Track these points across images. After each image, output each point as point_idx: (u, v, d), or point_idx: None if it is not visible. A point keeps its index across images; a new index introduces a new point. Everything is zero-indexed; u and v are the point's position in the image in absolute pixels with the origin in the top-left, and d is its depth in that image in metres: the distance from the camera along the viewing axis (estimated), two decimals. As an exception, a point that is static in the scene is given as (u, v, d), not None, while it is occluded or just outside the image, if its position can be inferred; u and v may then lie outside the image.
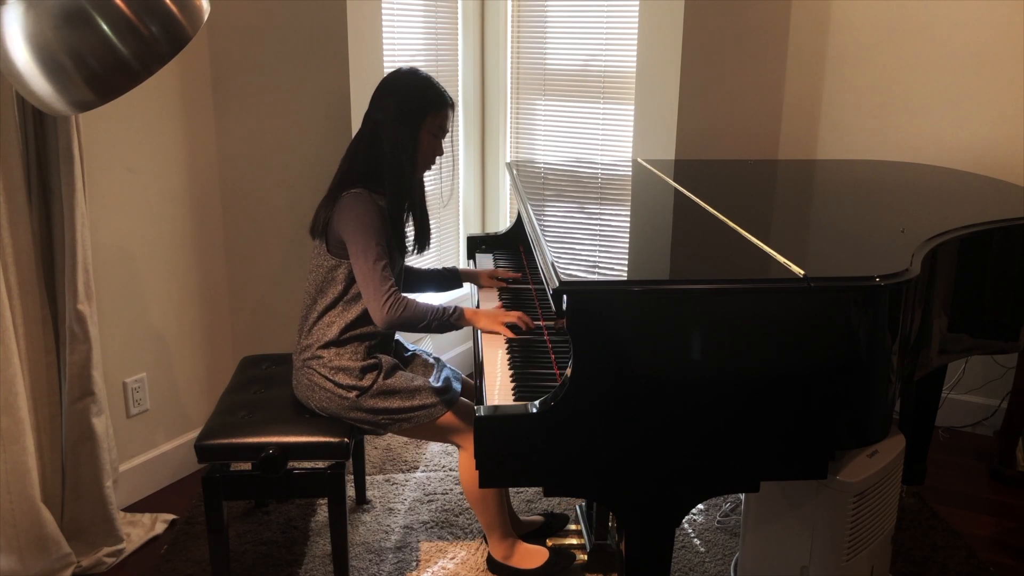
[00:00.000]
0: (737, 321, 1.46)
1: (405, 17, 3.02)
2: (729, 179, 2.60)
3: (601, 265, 1.63)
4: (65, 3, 1.59)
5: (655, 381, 1.45)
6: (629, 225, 2.04)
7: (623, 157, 3.23)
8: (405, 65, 2.17)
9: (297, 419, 2.09)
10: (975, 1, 2.94)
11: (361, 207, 2.01)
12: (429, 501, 2.67)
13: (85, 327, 2.21)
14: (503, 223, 3.64)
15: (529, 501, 2.67)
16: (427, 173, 2.23)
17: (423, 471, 2.86)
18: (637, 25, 3.03)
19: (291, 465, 2.03)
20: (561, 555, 2.27)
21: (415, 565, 2.34)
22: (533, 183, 2.47)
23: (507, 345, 1.95)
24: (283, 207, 2.79)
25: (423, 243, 2.27)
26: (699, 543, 2.46)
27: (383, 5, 2.79)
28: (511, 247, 2.74)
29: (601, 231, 1.90)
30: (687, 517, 2.58)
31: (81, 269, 2.18)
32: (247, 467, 2.06)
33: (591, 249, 1.71)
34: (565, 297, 1.44)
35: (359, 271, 2.02)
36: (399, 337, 2.33)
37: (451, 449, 2.97)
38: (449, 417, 2.08)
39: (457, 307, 2.05)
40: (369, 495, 2.69)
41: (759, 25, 3.17)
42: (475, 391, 1.77)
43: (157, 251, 2.64)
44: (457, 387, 2.15)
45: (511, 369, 1.80)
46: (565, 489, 1.53)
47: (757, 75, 3.23)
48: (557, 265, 1.55)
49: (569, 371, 1.45)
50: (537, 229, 1.86)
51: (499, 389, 1.72)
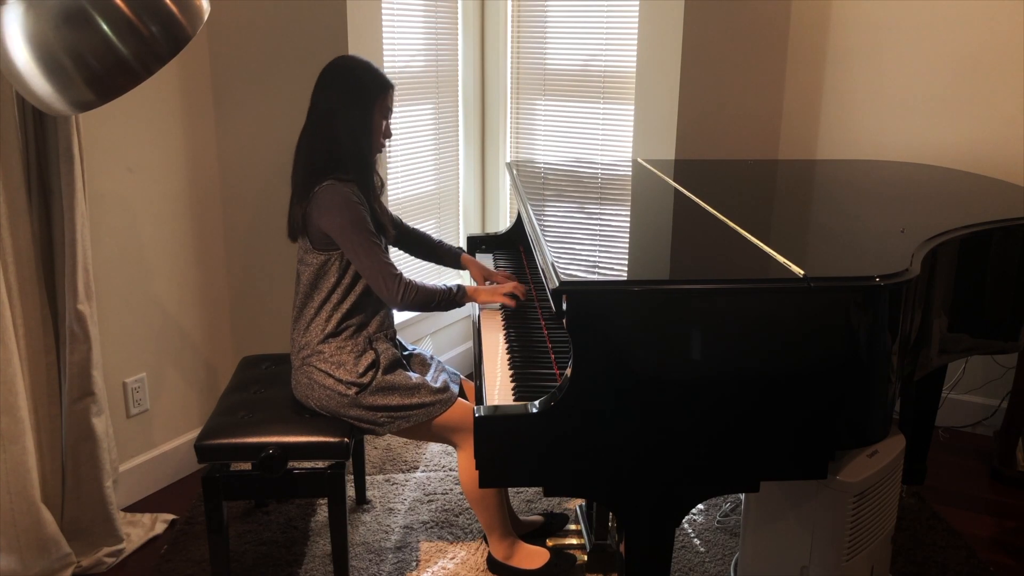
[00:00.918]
0: (737, 321, 1.46)
1: (405, 17, 3.02)
2: (729, 179, 2.60)
3: (601, 265, 1.63)
4: (65, 3, 1.59)
5: (655, 381, 1.45)
6: (629, 225, 2.04)
7: (623, 157, 3.23)
8: (342, 54, 2.18)
9: (297, 419, 2.09)
10: (975, 1, 2.94)
11: (340, 200, 2.03)
12: (429, 501, 2.67)
13: (85, 327, 2.21)
14: (503, 223, 3.64)
15: (529, 501, 2.67)
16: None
17: (423, 471, 2.86)
18: (637, 25, 3.03)
19: (291, 465, 2.03)
20: (562, 556, 2.27)
21: (415, 565, 2.34)
22: (533, 183, 2.47)
23: (507, 345, 1.95)
24: (283, 207, 2.76)
25: (389, 229, 2.27)
26: (699, 543, 2.46)
27: (383, 5, 2.79)
28: (511, 247, 2.74)
29: (601, 231, 1.90)
30: (687, 517, 2.58)
31: (81, 269, 2.18)
32: (247, 467, 2.06)
33: (591, 249, 1.71)
34: (565, 297, 1.44)
35: (362, 266, 2.04)
36: (398, 337, 2.33)
37: (451, 449, 2.97)
38: (447, 417, 2.08)
39: (460, 286, 2.15)
40: (369, 495, 2.69)
41: (759, 25, 3.16)
42: (475, 391, 1.77)
43: (157, 251, 2.64)
44: (455, 388, 2.16)
45: (511, 369, 1.80)
46: (565, 489, 1.53)
47: (757, 75, 3.23)
48: (557, 265, 1.55)
49: (569, 371, 1.45)
50: (537, 229, 1.86)
51: (499, 389, 1.72)
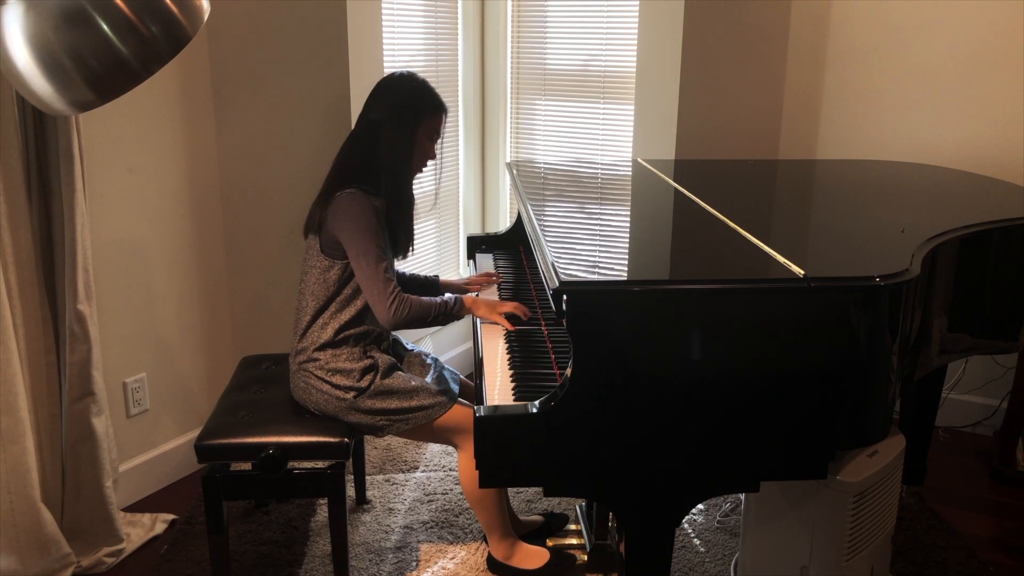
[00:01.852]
0: (737, 321, 1.46)
1: (405, 17, 3.02)
2: (729, 179, 2.60)
3: (601, 265, 1.63)
4: (65, 3, 1.59)
5: (655, 381, 1.45)
6: (629, 225, 2.04)
7: (623, 157, 3.23)
8: (403, 69, 2.19)
9: (297, 419, 2.09)
10: (975, 1, 2.94)
11: (358, 208, 2.02)
12: (429, 501, 2.67)
13: (85, 327, 2.21)
14: (503, 223, 3.64)
15: (529, 501, 2.67)
16: (424, 174, 2.24)
17: (423, 471, 2.86)
18: (637, 25, 3.03)
19: (291, 465, 2.03)
20: (562, 556, 2.27)
21: (415, 565, 2.34)
22: (533, 183, 2.47)
23: (507, 345, 1.95)
24: (283, 207, 2.79)
25: (406, 248, 2.26)
26: (699, 543, 2.46)
27: (383, 5, 2.79)
28: (511, 247, 2.74)
29: (601, 231, 1.90)
30: (687, 517, 2.58)
31: (81, 269, 2.18)
32: (247, 467, 2.06)
33: (591, 249, 1.71)
34: (565, 297, 1.44)
35: (361, 274, 2.03)
36: (398, 336, 2.33)
37: (451, 449, 2.97)
38: (447, 418, 2.08)
39: (457, 297, 2.12)
40: (369, 495, 2.69)
41: (759, 25, 3.17)
42: (475, 391, 1.77)
43: (157, 251, 2.64)
44: (455, 388, 2.15)
45: (511, 369, 1.80)
46: (565, 489, 1.53)
47: (757, 75, 3.23)
48: (557, 265, 1.55)
49: (569, 371, 1.45)
50: (537, 229, 1.86)
51: (499, 389, 1.72)
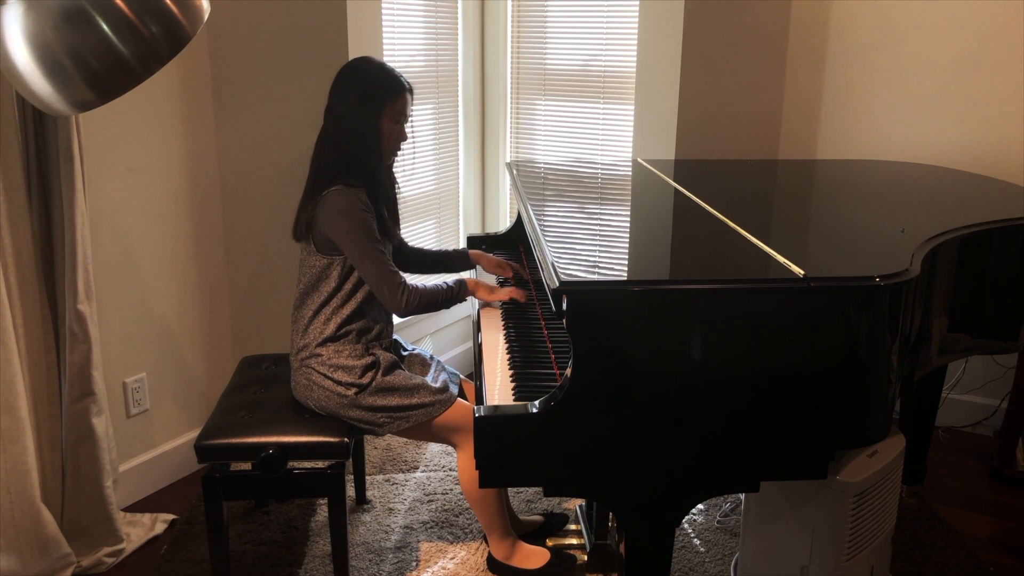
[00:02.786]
0: (737, 321, 1.46)
1: (405, 17, 3.02)
2: (729, 179, 2.60)
3: (601, 265, 1.63)
4: (65, 3, 1.59)
5: (655, 381, 1.45)
6: (629, 225, 2.04)
7: (623, 157, 3.23)
8: (360, 56, 2.17)
9: (297, 419, 2.09)
10: (974, 1, 2.94)
11: (347, 205, 2.02)
12: (429, 501, 2.67)
13: (85, 327, 2.21)
14: (503, 223, 3.64)
15: (529, 501, 2.67)
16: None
17: (423, 471, 2.86)
18: (637, 25, 3.03)
19: (291, 465, 2.03)
20: (562, 556, 2.27)
21: (415, 565, 2.34)
22: (533, 183, 2.47)
23: (507, 345, 1.95)
24: (283, 207, 2.78)
25: (394, 230, 2.27)
26: (699, 543, 2.46)
27: (383, 5, 2.79)
28: (511, 247, 2.74)
29: (601, 231, 1.90)
30: (687, 517, 2.58)
31: (81, 269, 2.18)
32: (247, 467, 2.06)
33: (591, 249, 1.71)
34: (565, 297, 1.44)
35: (366, 272, 2.04)
36: (397, 336, 2.33)
37: (451, 449, 2.97)
38: (447, 417, 2.08)
39: (459, 280, 2.17)
40: (369, 495, 2.69)
41: (759, 25, 3.17)
42: (475, 391, 1.77)
43: (157, 251, 2.64)
44: (455, 388, 2.16)
45: (511, 369, 1.80)
46: (565, 489, 1.53)
47: (757, 75, 3.23)
48: (557, 265, 1.55)
49: (569, 371, 1.45)
50: (537, 229, 1.86)
51: (499, 389, 1.72)
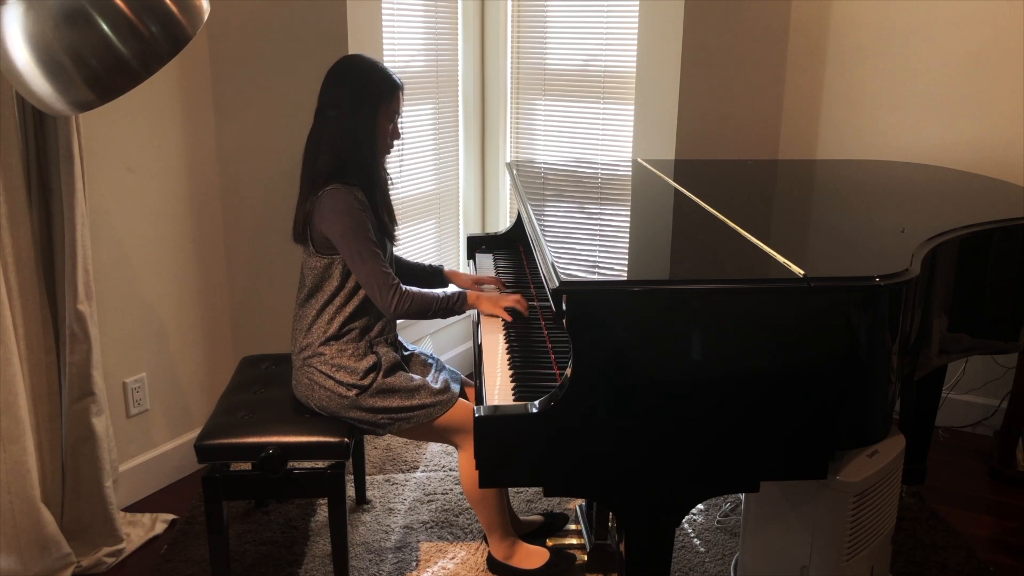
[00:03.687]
0: (737, 321, 1.46)
1: (405, 17, 3.02)
2: (729, 179, 2.60)
3: (601, 265, 1.63)
4: (65, 3, 1.59)
5: (655, 381, 1.45)
6: (629, 225, 2.04)
7: (623, 157, 3.23)
8: (350, 54, 2.15)
9: (297, 419, 2.09)
10: (975, 1, 2.94)
11: (343, 205, 2.01)
12: (429, 501, 2.67)
13: (85, 327, 2.21)
14: (503, 223, 3.64)
15: (529, 501, 2.67)
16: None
17: (423, 471, 2.86)
18: (637, 25, 3.03)
19: (291, 465, 2.03)
20: (562, 556, 2.27)
21: (415, 565, 2.34)
22: (533, 183, 2.47)
23: (507, 345, 1.95)
24: (283, 207, 2.78)
25: (391, 229, 2.25)
26: (699, 543, 2.46)
27: (383, 5, 2.79)
28: (511, 247, 2.74)
29: (601, 231, 1.90)
30: (687, 517, 2.58)
31: (81, 269, 2.18)
32: (247, 467, 2.06)
33: (591, 249, 1.71)
34: (565, 297, 1.44)
35: (358, 271, 2.03)
36: (399, 337, 2.33)
37: (451, 449, 2.97)
38: (448, 417, 2.08)
39: (460, 292, 2.12)
40: (369, 495, 2.69)
41: (759, 25, 3.16)
42: (475, 391, 1.77)
43: (157, 251, 2.64)
44: (456, 388, 2.15)
45: (511, 369, 1.80)
46: (565, 489, 1.53)
47: (757, 75, 3.23)
48: (557, 265, 1.55)
49: (569, 371, 1.45)
50: (537, 229, 1.86)
51: (499, 389, 1.72)
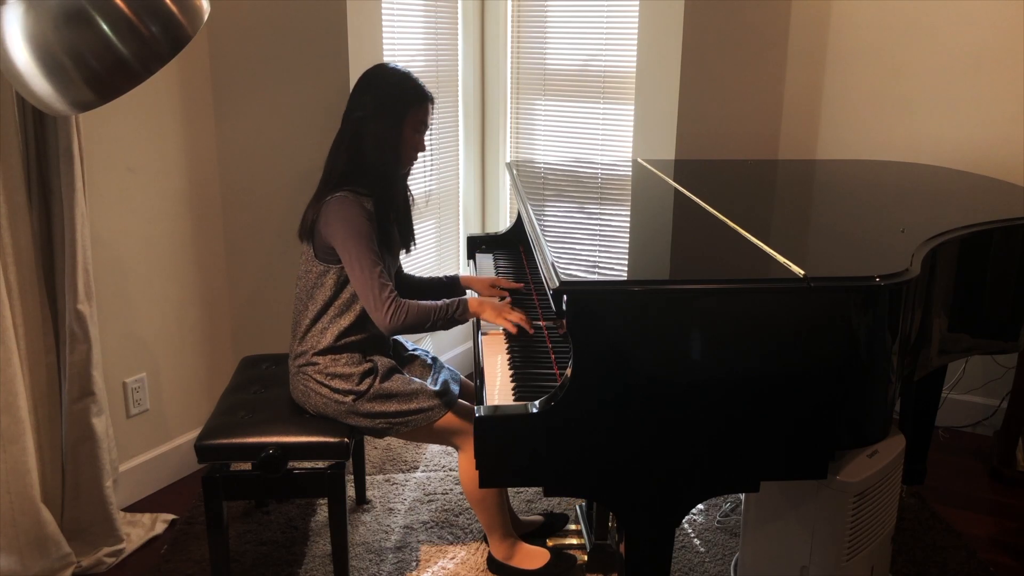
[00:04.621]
0: (737, 321, 1.46)
1: (405, 17, 3.02)
2: (729, 179, 2.60)
3: (601, 265, 1.63)
4: (65, 3, 1.59)
5: (655, 381, 1.45)
6: (629, 225, 2.04)
7: (623, 157, 3.23)
8: (384, 62, 2.14)
9: (297, 419, 2.09)
10: (975, 1, 2.94)
11: (348, 212, 1.99)
12: (429, 501, 2.67)
13: (85, 327, 2.21)
14: (503, 223, 3.64)
15: (529, 501, 2.67)
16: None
17: (423, 471, 2.86)
18: (637, 25, 3.03)
19: (291, 465, 2.03)
20: (562, 556, 2.27)
21: (415, 565, 2.34)
22: (533, 183, 2.47)
23: (507, 345, 1.95)
24: (283, 207, 2.78)
25: (407, 242, 2.25)
26: (699, 543, 2.46)
27: (383, 5, 2.79)
28: (511, 247, 2.74)
29: (601, 231, 1.90)
30: (687, 517, 2.58)
31: (81, 269, 2.18)
32: (247, 467, 2.06)
33: (591, 249, 1.71)
34: (565, 297, 1.44)
35: (355, 280, 2.00)
36: (399, 337, 2.33)
37: (451, 449, 2.97)
38: (447, 420, 2.08)
39: (460, 300, 2.04)
40: (369, 495, 2.69)
41: (759, 25, 3.17)
42: (475, 391, 1.77)
43: (157, 251, 2.64)
44: (455, 389, 2.15)
45: (511, 369, 1.80)
46: (565, 489, 1.53)
47: (757, 75, 3.23)
48: (557, 265, 1.55)
49: (569, 371, 1.45)
50: (537, 229, 1.86)
51: (499, 389, 1.72)
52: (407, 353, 2.31)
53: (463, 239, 3.57)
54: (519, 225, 2.70)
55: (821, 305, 1.47)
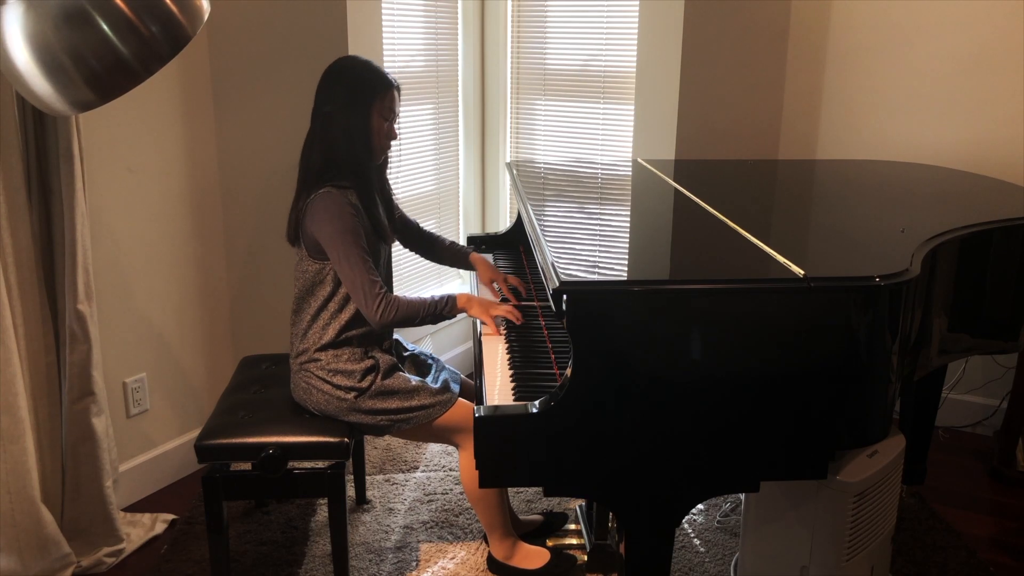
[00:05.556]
0: (737, 321, 1.46)
1: (405, 17, 3.02)
2: (729, 179, 2.60)
3: (601, 265, 1.63)
4: (65, 3, 1.59)
5: (655, 381, 1.45)
6: (629, 225, 2.04)
7: (623, 157, 3.23)
8: (345, 55, 2.15)
9: (297, 419, 2.09)
10: (975, 1, 2.94)
11: (334, 208, 1.99)
12: (429, 501, 2.67)
13: (85, 327, 2.21)
14: (503, 223, 3.65)
15: (529, 501, 2.67)
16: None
17: (423, 471, 2.86)
18: (637, 25, 3.03)
19: (291, 465, 2.03)
20: (562, 556, 2.27)
21: (415, 565, 2.34)
22: (533, 183, 2.47)
23: (507, 345, 1.95)
24: (283, 207, 2.76)
25: (389, 235, 2.25)
26: (699, 543, 2.46)
27: (383, 5, 2.79)
28: (511, 247, 2.74)
29: (601, 231, 1.90)
30: (687, 517, 2.58)
31: (81, 269, 2.18)
32: (247, 467, 2.06)
33: (591, 249, 1.71)
34: (565, 297, 1.44)
35: (344, 276, 2.01)
36: (399, 337, 2.33)
37: (451, 449, 2.97)
38: (448, 418, 2.08)
39: (450, 297, 2.06)
40: (369, 495, 2.69)
41: (759, 25, 3.17)
42: (475, 391, 1.77)
43: (157, 251, 2.64)
44: (455, 388, 2.15)
45: (511, 369, 1.80)
46: (565, 489, 1.53)
47: (757, 75, 3.23)
48: (557, 265, 1.55)
49: (569, 371, 1.45)
50: (537, 229, 1.86)
51: (499, 389, 1.72)
52: (407, 353, 2.31)
53: (463, 239, 3.57)
54: (519, 225, 2.70)
55: (821, 305, 1.47)
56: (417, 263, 3.25)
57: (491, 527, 2.22)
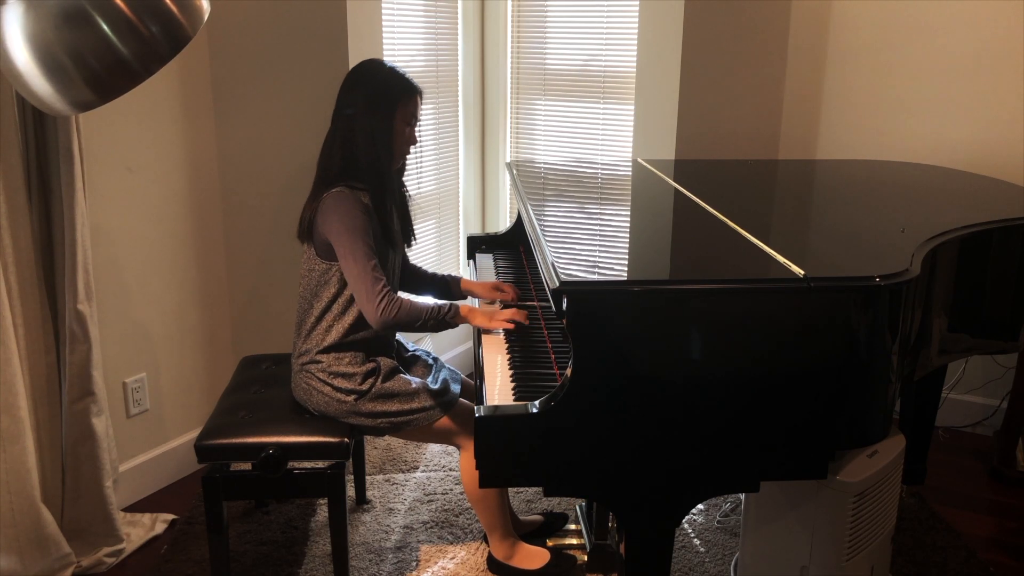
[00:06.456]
0: (737, 321, 1.46)
1: (405, 17, 3.02)
2: (729, 179, 2.60)
3: (601, 265, 1.63)
4: (65, 3, 1.59)
5: (655, 381, 1.45)
6: (629, 225, 2.04)
7: (623, 157, 3.23)
8: (371, 58, 2.16)
9: (297, 419, 2.09)
10: (975, 1, 2.94)
11: (344, 206, 2.00)
12: (429, 501, 2.67)
13: (85, 327, 2.21)
14: (503, 223, 3.65)
15: (529, 501, 2.67)
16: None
17: (423, 471, 2.86)
18: (637, 25, 3.03)
19: (291, 465, 2.03)
20: (562, 556, 2.27)
21: (415, 565, 2.34)
22: (533, 183, 2.47)
23: (507, 345, 1.95)
24: (283, 207, 2.79)
25: (407, 236, 2.26)
26: (699, 543, 2.46)
27: (383, 5, 2.79)
28: (511, 247, 2.74)
29: (601, 231, 1.90)
30: (687, 517, 2.58)
31: (81, 269, 2.18)
32: (247, 467, 2.06)
33: (591, 249, 1.71)
34: (565, 297, 1.44)
35: (349, 273, 2.01)
36: (400, 338, 2.33)
37: (451, 449, 2.97)
38: (448, 419, 2.08)
39: (453, 304, 2.06)
40: (369, 495, 2.69)
41: (759, 25, 3.17)
42: (475, 391, 1.77)
43: (157, 251, 2.64)
44: (456, 388, 2.15)
45: (511, 369, 1.80)
46: (565, 489, 1.53)
47: (757, 75, 3.23)
48: (557, 265, 1.55)
49: (569, 371, 1.45)
50: (537, 229, 1.86)
51: (499, 389, 1.72)
52: (408, 353, 2.31)
53: (463, 239, 3.57)
54: (519, 225, 2.70)
55: (821, 305, 1.47)
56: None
57: (491, 527, 2.22)
